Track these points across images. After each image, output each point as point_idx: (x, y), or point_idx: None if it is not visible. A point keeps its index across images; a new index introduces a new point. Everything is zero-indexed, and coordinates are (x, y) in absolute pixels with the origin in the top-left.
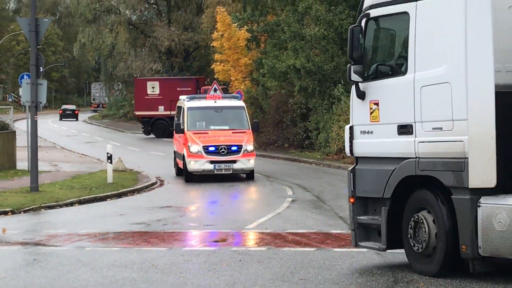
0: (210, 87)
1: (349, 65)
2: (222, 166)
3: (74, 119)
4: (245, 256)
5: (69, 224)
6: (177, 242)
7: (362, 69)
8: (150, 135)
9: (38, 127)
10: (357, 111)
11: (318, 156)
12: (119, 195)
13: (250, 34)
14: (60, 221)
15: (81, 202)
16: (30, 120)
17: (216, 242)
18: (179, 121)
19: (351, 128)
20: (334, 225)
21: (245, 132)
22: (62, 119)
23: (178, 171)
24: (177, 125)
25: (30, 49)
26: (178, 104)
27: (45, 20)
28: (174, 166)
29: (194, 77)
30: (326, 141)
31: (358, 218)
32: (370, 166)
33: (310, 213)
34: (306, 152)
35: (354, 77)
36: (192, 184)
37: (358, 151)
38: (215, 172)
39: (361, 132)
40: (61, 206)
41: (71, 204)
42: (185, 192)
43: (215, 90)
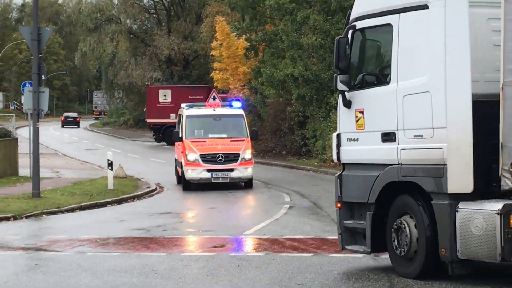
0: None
1: (335, 75)
2: (219, 174)
3: (76, 126)
4: (243, 261)
5: (70, 229)
6: (176, 248)
7: (348, 78)
8: (161, 143)
9: (40, 134)
10: (343, 119)
11: (316, 163)
12: (120, 201)
13: (249, 43)
14: (61, 226)
15: (82, 208)
16: (32, 127)
17: (214, 247)
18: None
19: (338, 135)
20: (331, 231)
21: (243, 140)
22: (64, 126)
23: (179, 179)
24: (175, 133)
25: (32, 57)
26: (179, 112)
27: (47, 29)
28: (175, 174)
29: (206, 85)
30: (323, 148)
31: (344, 222)
32: (356, 172)
33: (307, 219)
34: (304, 159)
35: (341, 86)
36: (191, 190)
37: (345, 158)
38: (213, 180)
39: (347, 139)
40: (62, 212)
41: (72, 210)
42: (184, 198)
43: (214, 98)
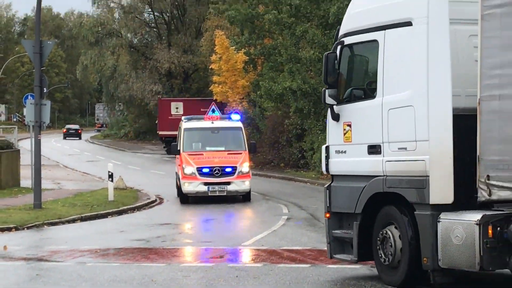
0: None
1: (324, 89)
2: (216, 188)
3: (77, 138)
4: (241, 272)
5: (71, 240)
6: (175, 258)
7: (336, 93)
8: (172, 155)
9: (42, 146)
10: (332, 132)
11: (313, 175)
12: (120, 213)
13: (248, 57)
14: (62, 237)
15: (82, 219)
16: (33, 139)
17: (213, 258)
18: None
19: (327, 147)
20: None
21: (240, 153)
22: (66, 138)
23: (179, 191)
24: (173, 146)
25: (34, 70)
26: (179, 125)
27: (49, 42)
28: (176, 186)
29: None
30: (320, 161)
31: (333, 232)
32: (343, 184)
33: (305, 230)
34: (301, 171)
35: (329, 100)
36: (190, 202)
37: (333, 170)
38: (209, 194)
39: (336, 151)
40: (63, 223)
41: (73, 221)
42: (183, 210)
43: (213, 111)
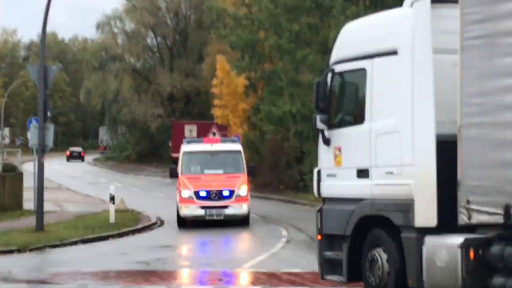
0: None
1: (315, 114)
2: (213, 211)
3: (81, 160)
4: None
5: (72, 262)
6: (176, 281)
7: (327, 118)
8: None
9: (45, 169)
10: (323, 156)
11: (312, 198)
12: (121, 235)
13: (248, 81)
14: (64, 259)
15: (84, 242)
16: (37, 162)
17: (212, 281)
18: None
19: (319, 171)
20: None
21: (239, 176)
22: (70, 160)
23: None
24: (172, 169)
25: (38, 94)
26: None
27: (53, 67)
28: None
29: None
30: None
31: (324, 253)
32: (334, 206)
33: (304, 253)
34: (301, 194)
35: (320, 125)
36: (188, 226)
37: (325, 192)
38: (207, 218)
39: (327, 175)
40: (65, 245)
41: (75, 243)
42: (184, 232)
43: (214, 134)
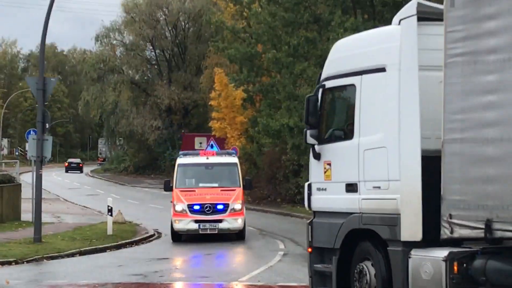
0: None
1: (305, 129)
2: (207, 225)
3: (79, 172)
4: None
5: (70, 274)
6: None
7: (317, 133)
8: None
9: (43, 180)
10: (314, 170)
11: (310, 211)
12: (118, 247)
13: (246, 94)
14: (61, 271)
15: (81, 253)
16: (35, 173)
17: None
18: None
19: (310, 185)
20: None
21: (234, 190)
22: (68, 171)
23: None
24: (166, 182)
25: (37, 105)
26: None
27: (52, 79)
28: None
29: None
30: None
31: (314, 266)
32: (324, 220)
33: (301, 266)
34: (298, 207)
35: (310, 140)
36: (182, 240)
37: (315, 206)
38: (200, 232)
39: (317, 189)
40: (62, 257)
41: (72, 255)
42: (181, 244)
43: (212, 146)
